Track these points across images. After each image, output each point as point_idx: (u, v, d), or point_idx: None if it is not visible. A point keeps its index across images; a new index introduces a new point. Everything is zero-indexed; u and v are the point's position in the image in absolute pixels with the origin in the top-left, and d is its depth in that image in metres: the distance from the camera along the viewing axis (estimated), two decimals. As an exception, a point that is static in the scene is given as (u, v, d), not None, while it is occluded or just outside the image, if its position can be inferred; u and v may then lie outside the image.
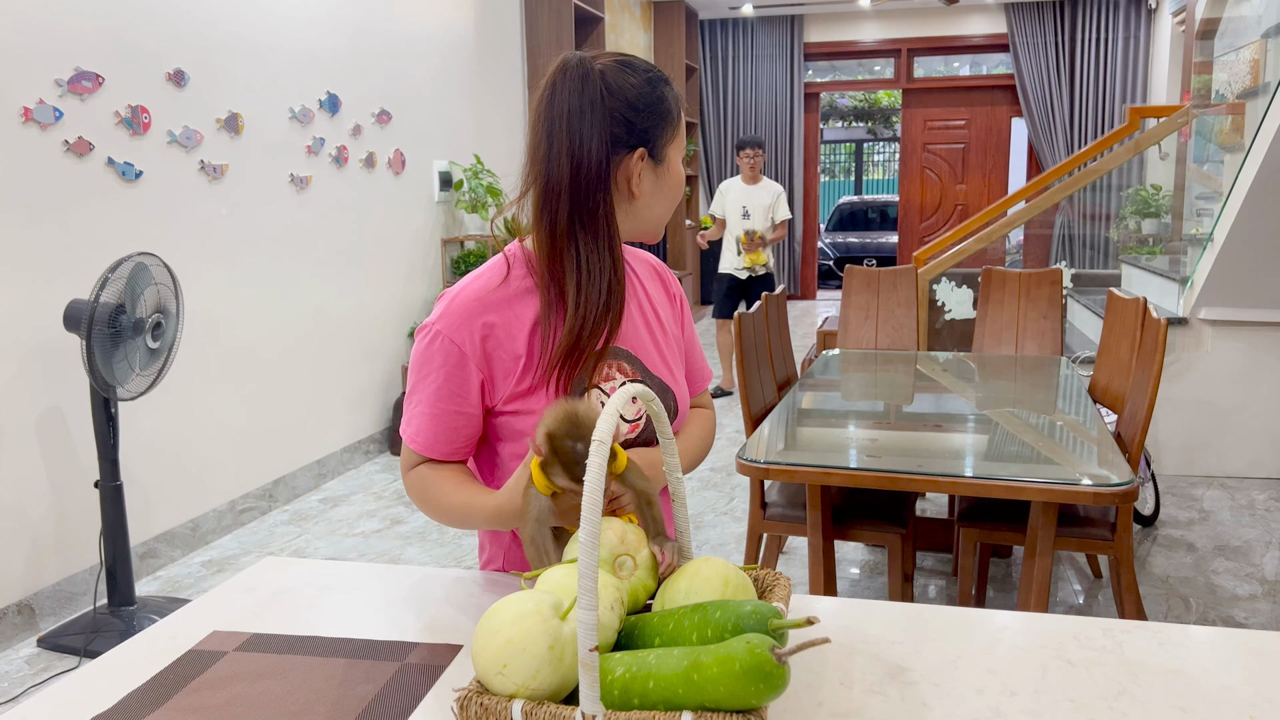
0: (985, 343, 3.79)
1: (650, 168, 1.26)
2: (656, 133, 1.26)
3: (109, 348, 2.77)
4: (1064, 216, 9.20)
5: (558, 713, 0.82)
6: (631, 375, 1.29)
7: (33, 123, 2.96)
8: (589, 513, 0.81)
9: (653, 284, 1.40)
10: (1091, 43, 9.15)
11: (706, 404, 1.50)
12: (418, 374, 1.26)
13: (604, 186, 1.22)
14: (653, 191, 1.28)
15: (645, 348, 1.32)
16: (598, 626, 0.81)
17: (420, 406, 1.26)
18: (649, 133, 1.25)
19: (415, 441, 1.27)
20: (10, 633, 2.92)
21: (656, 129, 1.26)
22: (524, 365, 1.25)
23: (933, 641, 1.08)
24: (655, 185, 1.28)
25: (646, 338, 1.33)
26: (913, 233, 10.39)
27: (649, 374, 1.31)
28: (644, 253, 1.44)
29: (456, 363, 1.23)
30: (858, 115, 19.41)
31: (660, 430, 1.05)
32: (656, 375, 1.32)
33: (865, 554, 3.58)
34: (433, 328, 1.25)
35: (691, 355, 1.45)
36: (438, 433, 1.26)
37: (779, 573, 1.06)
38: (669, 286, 1.44)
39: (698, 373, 1.47)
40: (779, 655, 0.78)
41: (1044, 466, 2.20)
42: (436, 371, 1.24)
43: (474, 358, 1.24)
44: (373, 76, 4.78)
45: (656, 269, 1.44)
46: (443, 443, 1.27)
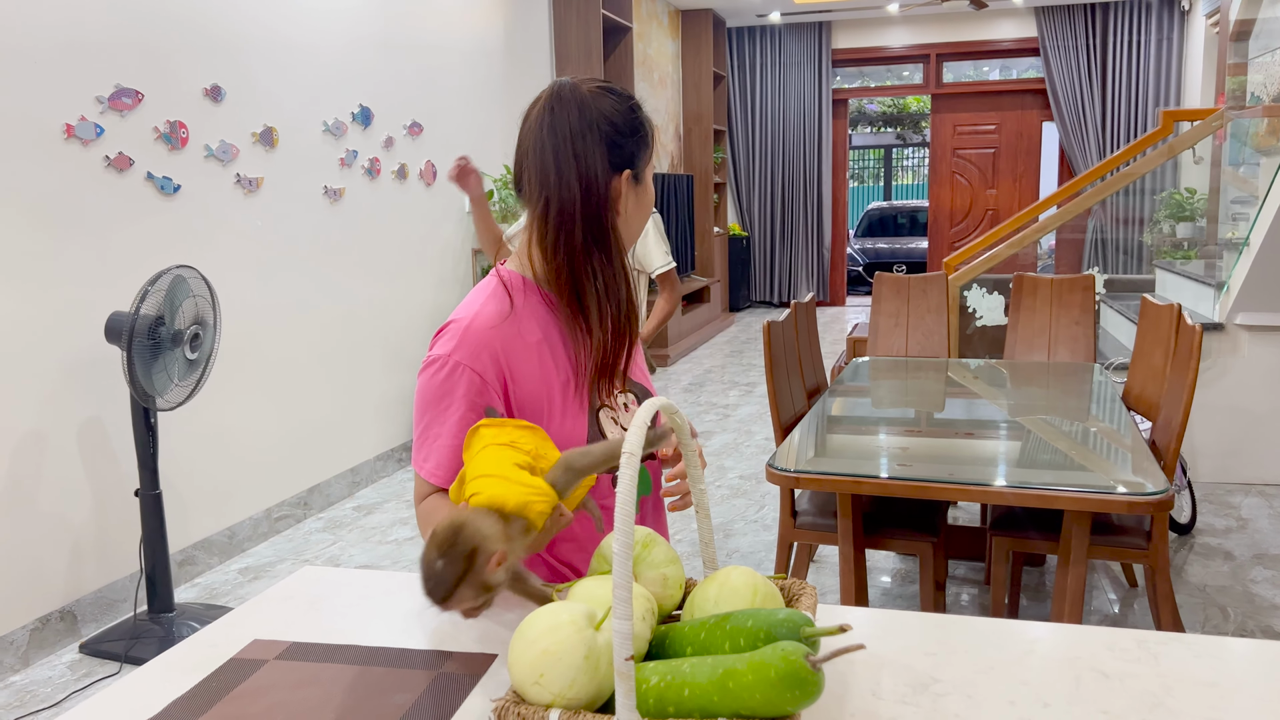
0: (1017, 349, 3.76)
1: (632, 187, 1.31)
2: (638, 154, 1.30)
3: (149, 359, 2.82)
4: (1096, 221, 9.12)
5: (593, 722, 0.83)
6: (621, 386, 1.36)
7: (74, 139, 3.03)
8: (622, 523, 0.83)
9: None
10: (1123, 45, 9.07)
11: None
12: (436, 406, 1.24)
13: (610, 206, 1.27)
14: (634, 210, 1.33)
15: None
16: (633, 636, 0.82)
17: (442, 440, 1.24)
18: (634, 155, 1.29)
19: (435, 475, 1.25)
20: (53, 639, 2.98)
21: (638, 150, 1.30)
22: (538, 390, 1.27)
23: (964, 652, 1.08)
24: (635, 204, 1.33)
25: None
26: (943, 238, 10.34)
27: (633, 382, 1.38)
28: None
29: (479, 392, 1.23)
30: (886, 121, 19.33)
31: (683, 443, 1.06)
32: (639, 381, 1.39)
33: (897, 562, 3.57)
34: (449, 359, 1.24)
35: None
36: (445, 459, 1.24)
37: (805, 582, 1.07)
38: None
39: None
40: (813, 662, 0.79)
41: (1077, 474, 2.19)
42: (458, 403, 1.23)
43: (494, 386, 1.24)
44: (404, 89, 4.84)
45: None
46: (448, 466, 1.24)
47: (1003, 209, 10.08)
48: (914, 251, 12.45)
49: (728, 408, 6.13)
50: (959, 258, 5.11)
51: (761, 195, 10.47)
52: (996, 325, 4.84)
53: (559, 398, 1.28)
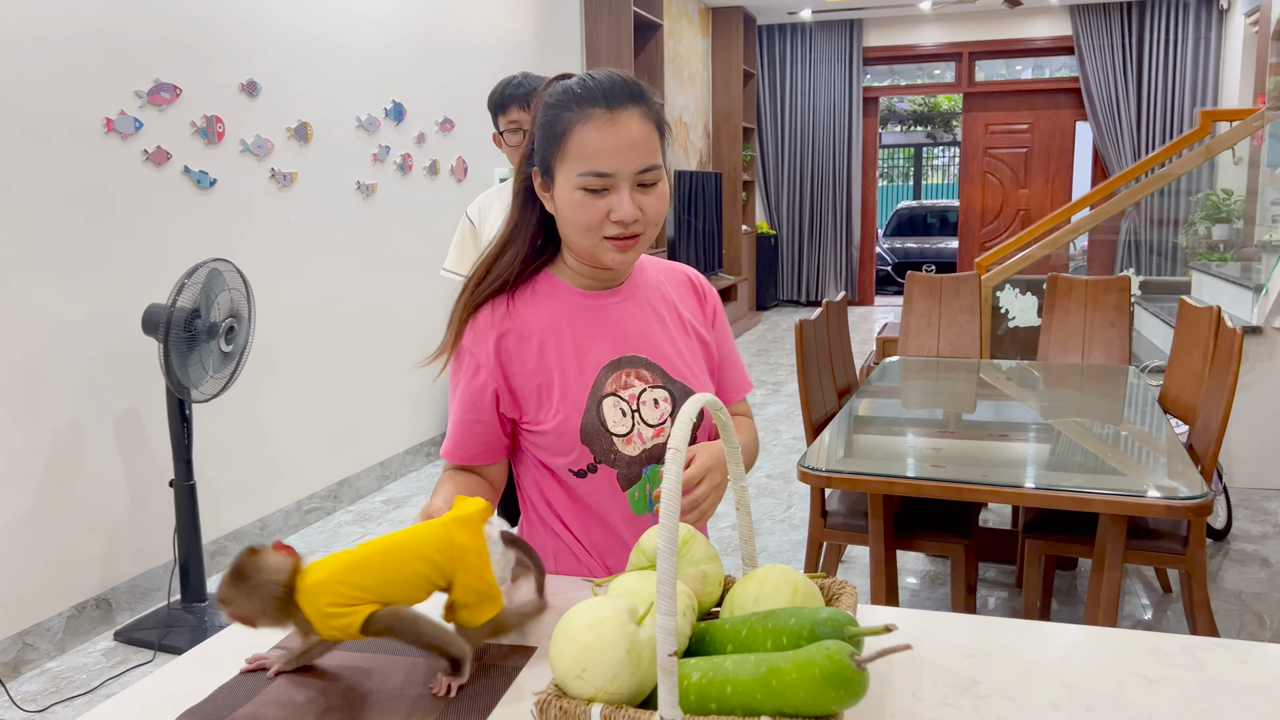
0: (1050, 351, 3.73)
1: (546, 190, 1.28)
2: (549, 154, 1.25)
3: (184, 351, 2.85)
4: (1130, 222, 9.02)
5: (636, 717, 0.83)
6: (652, 381, 1.34)
7: (114, 133, 3.06)
8: (667, 518, 0.83)
9: (684, 293, 1.45)
10: (1160, 44, 8.96)
11: (745, 412, 1.53)
12: (451, 390, 1.37)
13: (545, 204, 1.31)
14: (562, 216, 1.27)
15: (665, 354, 1.36)
16: (676, 631, 0.82)
17: (451, 419, 1.36)
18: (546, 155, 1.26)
19: (445, 452, 1.37)
20: (89, 626, 3.02)
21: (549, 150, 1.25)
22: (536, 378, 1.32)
23: (1004, 654, 1.08)
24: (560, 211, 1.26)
25: (667, 344, 1.37)
26: (973, 238, 10.26)
27: (669, 379, 1.35)
28: (680, 265, 1.49)
29: (474, 374, 1.31)
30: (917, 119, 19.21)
31: (725, 439, 1.05)
32: (679, 380, 1.35)
33: (926, 564, 3.55)
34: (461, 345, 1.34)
35: (726, 365, 1.47)
36: (457, 438, 1.35)
37: (844, 581, 1.07)
38: (704, 297, 1.47)
39: (731, 382, 1.49)
40: (858, 661, 0.79)
41: (1113, 477, 2.16)
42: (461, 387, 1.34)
43: (492, 372, 1.31)
44: (436, 85, 4.86)
45: (691, 280, 1.47)
46: (460, 448, 1.35)
47: (1034, 209, 9.99)
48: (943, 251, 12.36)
49: (755, 406, 6.11)
50: (991, 258, 5.07)
51: (790, 193, 10.43)
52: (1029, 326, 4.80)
53: (558, 387, 1.30)
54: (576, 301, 1.33)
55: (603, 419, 1.30)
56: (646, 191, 1.23)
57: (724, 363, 1.47)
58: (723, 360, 1.47)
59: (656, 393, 1.34)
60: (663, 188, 1.25)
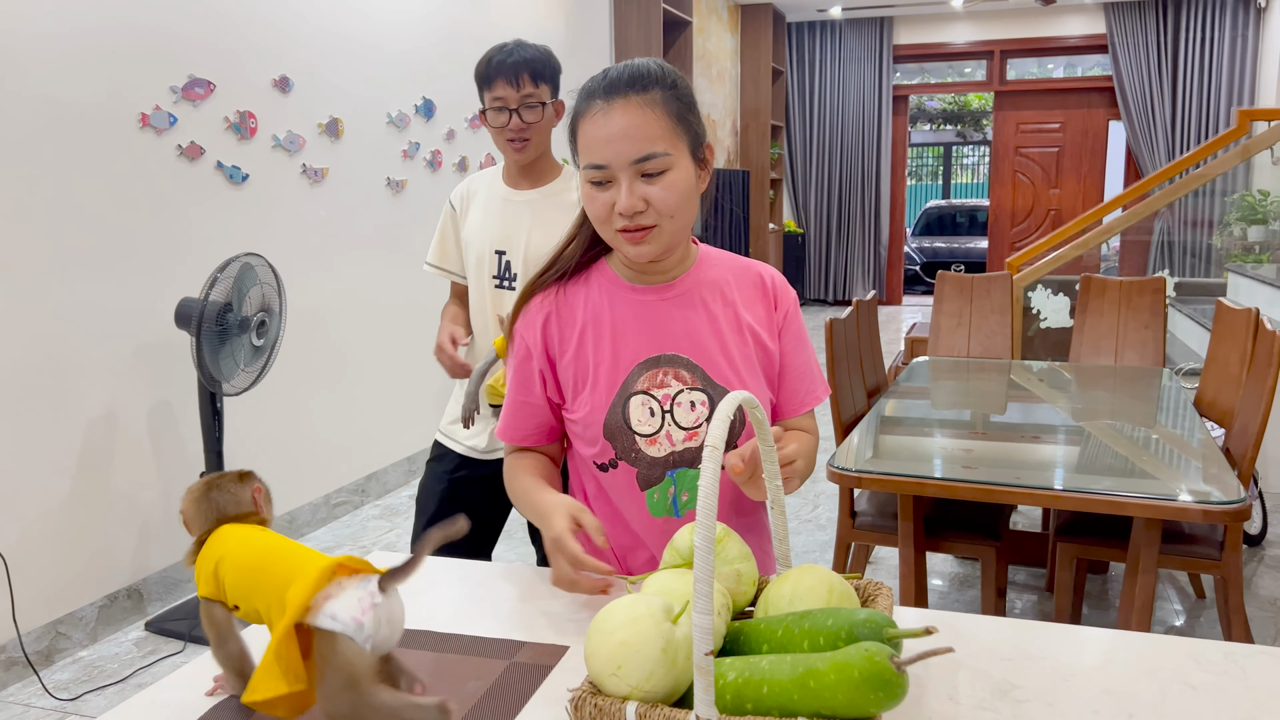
0: (1083, 352, 3.69)
1: None
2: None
3: (216, 345, 2.87)
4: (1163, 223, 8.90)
5: (672, 715, 0.82)
6: (691, 382, 1.30)
7: (149, 128, 3.09)
8: (704, 516, 0.82)
9: (751, 294, 1.37)
10: (1196, 43, 8.83)
11: (805, 427, 1.41)
12: (508, 370, 1.40)
13: None
14: None
15: (710, 355, 1.31)
16: (713, 631, 0.82)
17: (506, 399, 1.40)
18: None
19: (499, 431, 1.41)
20: (120, 616, 3.05)
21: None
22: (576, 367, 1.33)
23: (1042, 659, 1.06)
24: None
25: (714, 346, 1.31)
26: (1003, 238, 10.17)
27: (710, 382, 1.30)
28: (757, 265, 1.40)
29: (525, 359, 1.35)
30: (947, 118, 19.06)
31: (762, 439, 1.05)
32: (721, 384, 1.30)
33: (954, 566, 3.52)
34: (515, 328, 1.38)
35: (789, 374, 1.39)
36: (508, 419, 1.39)
37: (879, 582, 1.05)
38: (775, 301, 1.38)
39: (794, 393, 1.39)
40: (898, 664, 0.78)
41: (1146, 481, 2.14)
42: (515, 368, 1.38)
43: (539, 356, 1.34)
44: (466, 81, 4.86)
45: (764, 281, 1.39)
46: (511, 429, 1.39)
47: (1066, 209, 9.89)
48: (972, 251, 12.26)
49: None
50: (1022, 258, 5.02)
51: (818, 192, 10.38)
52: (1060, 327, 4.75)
53: (591, 377, 1.31)
54: (622, 295, 1.32)
55: (627, 416, 1.30)
56: (651, 181, 1.19)
57: (787, 371, 1.38)
58: (785, 369, 1.38)
59: (694, 395, 1.30)
60: (673, 176, 1.20)
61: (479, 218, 2.09)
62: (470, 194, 2.15)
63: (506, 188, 2.08)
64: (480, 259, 2.06)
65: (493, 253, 2.04)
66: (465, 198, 2.15)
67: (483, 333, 2.12)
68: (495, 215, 2.06)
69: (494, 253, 2.04)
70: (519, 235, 2.02)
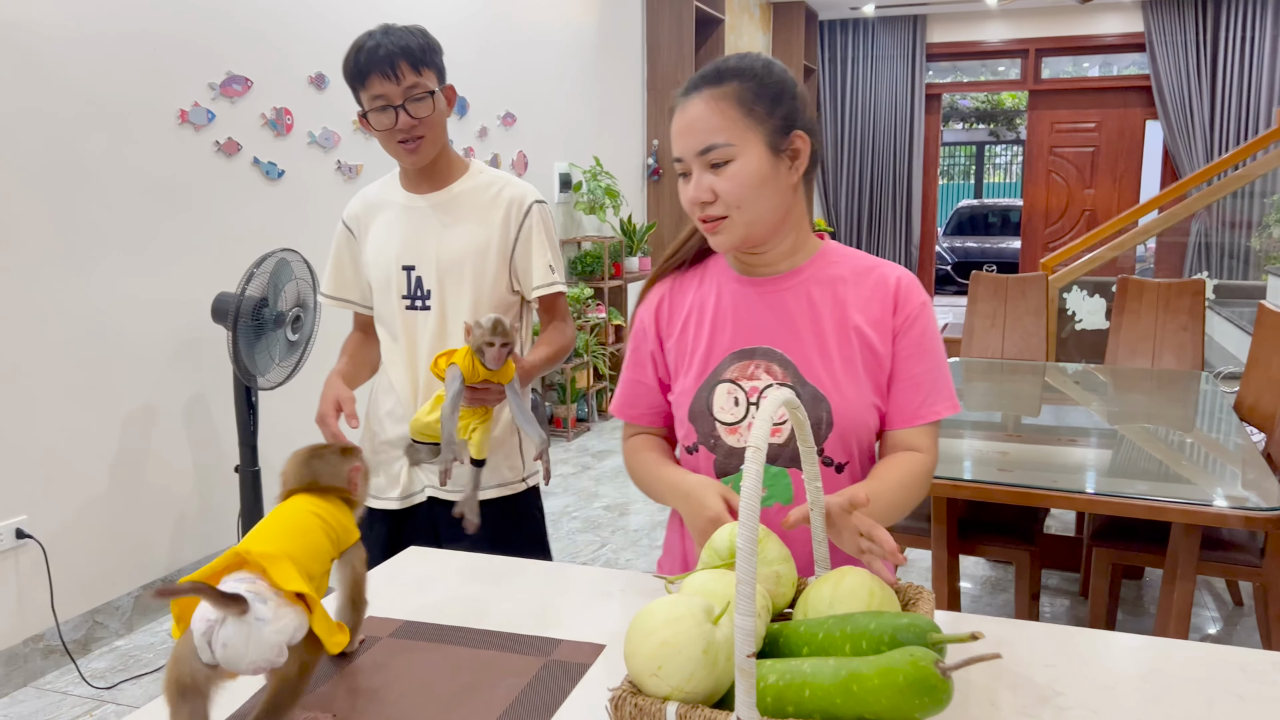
0: (1119, 354, 3.64)
1: None
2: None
3: (252, 339, 2.90)
4: (1200, 224, 8.77)
5: (712, 717, 0.82)
6: (781, 378, 1.28)
7: (188, 124, 3.13)
8: (746, 519, 0.82)
9: (869, 295, 1.30)
10: (1236, 42, 8.69)
11: (916, 446, 1.29)
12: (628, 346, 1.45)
13: None
14: None
15: (805, 353, 1.28)
16: (754, 633, 0.81)
17: (621, 376, 1.45)
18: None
19: (614, 407, 1.45)
20: (156, 606, 3.09)
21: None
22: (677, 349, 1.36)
23: (1085, 665, 1.05)
24: None
25: (812, 344, 1.28)
26: (1036, 238, 10.06)
27: (801, 380, 1.27)
28: (890, 267, 1.32)
29: (642, 336, 1.40)
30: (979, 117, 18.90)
31: (801, 439, 1.04)
32: (811, 383, 1.27)
33: (986, 570, 3.49)
34: (638, 306, 1.42)
35: (901, 384, 1.29)
36: (622, 396, 1.44)
37: (920, 586, 1.04)
38: (898, 305, 1.29)
39: (905, 405, 1.29)
40: (944, 669, 0.77)
41: (1185, 486, 2.11)
42: (631, 344, 1.43)
43: (652, 334, 1.38)
44: (498, 80, 4.88)
45: (890, 284, 1.30)
46: (626, 406, 1.43)
47: (1100, 210, 9.77)
48: (1005, 251, 12.15)
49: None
50: (1056, 259, 4.97)
51: (849, 191, 10.32)
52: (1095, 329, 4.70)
53: (688, 362, 1.34)
54: (729, 285, 1.33)
55: (710, 402, 1.31)
56: (718, 172, 1.21)
57: (900, 379, 1.29)
58: (898, 376, 1.29)
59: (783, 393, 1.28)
60: (736, 167, 1.20)
61: (381, 234, 1.83)
62: (366, 210, 1.87)
63: (406, 194, 1.82)
64: (387, 279, 1.81)
65: (400, 269, 1.80)
66: (361, 216, 1.87)
67: (397, 364, 1.90)
68: (397, 227, 1.81)
69: (401, 269, 1.80)
70: (427, 245, 1.79)
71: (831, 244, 1.35)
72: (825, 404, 1.27)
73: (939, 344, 1.31)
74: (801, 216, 1.31)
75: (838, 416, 1.27)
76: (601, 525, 4.02)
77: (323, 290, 1.97)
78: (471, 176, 1.83)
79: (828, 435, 1.27)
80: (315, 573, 0.95)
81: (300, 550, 0.94)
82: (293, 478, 1.07)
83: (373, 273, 1.84)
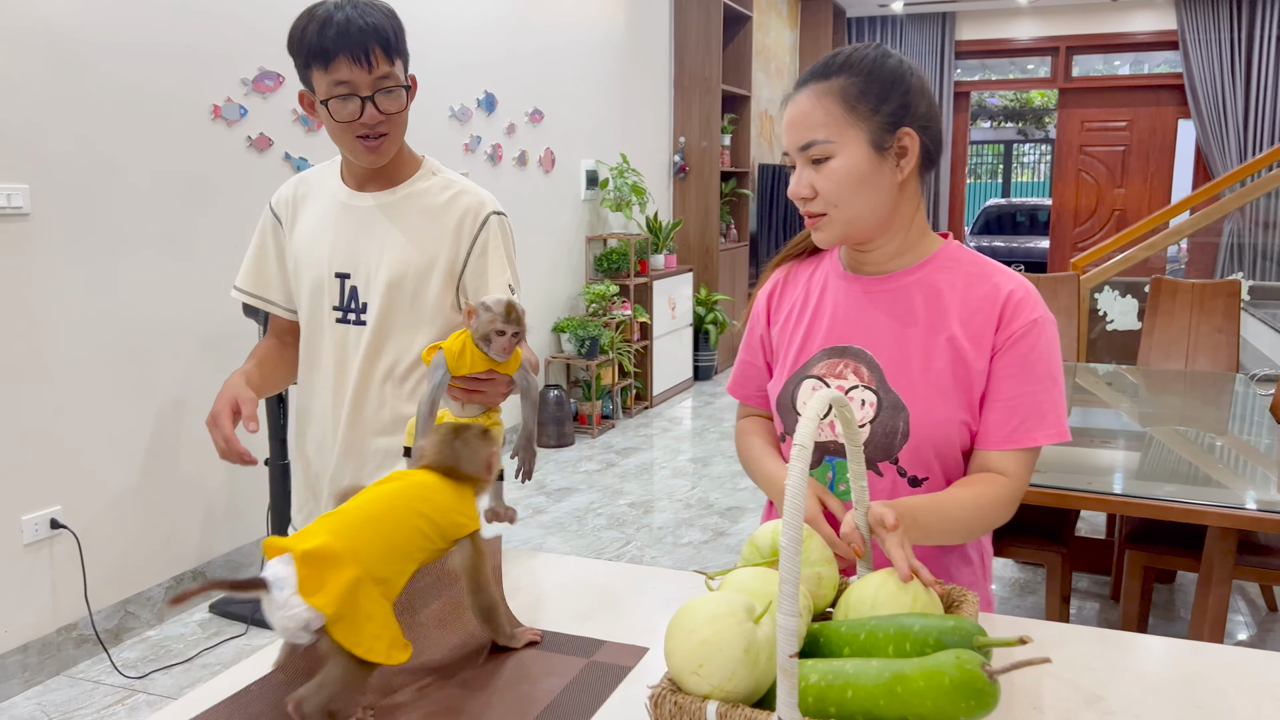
0: (1152, 356, 3.60)
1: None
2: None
3: (283, 333, 2.92)
4: (1233, 224, 8.66)
5: (753, 717, 0.82)
6: (867, 381, 1.25)
7: (220, 119, 3.15)
8: (790, 516, 0.81)
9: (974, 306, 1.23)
10: (1271, 39, 8.58)
11: (1003, 469, 1.22)
12: None
13: None
14: None
15: (893, 358, 1.24)
16: (797, 633, 0.81)
17: (737, 358, 1.47)
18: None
19: (730, 388, 1.48)
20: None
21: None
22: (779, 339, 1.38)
23: (1127, 670, 1.04)
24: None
25: (902, 349, 1.24)
26: (1065, 238, 9.97)
27: (885, 385, 1.24)
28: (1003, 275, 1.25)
29: (755, 320, 1.43)
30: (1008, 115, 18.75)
31: (848, 437, 1.03)
32: (894, 390, 1.23)
33: (1015, 571, 3.46)
34: None
35: (999, 400, 1.21)
36: (735, 375, 1.46)
37: (965, 589, 1.03)
38: (1005, 320, 1.22)
39: (999, 425, 1.21)
40: (990, 673, 0.77)
41: (1220, 490, 2.08)
42: (747, 327, 1.45)
43: (762, 320, 1.41)
44: (527, 76, 4.89)
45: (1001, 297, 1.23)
46: (738, 386, 1.46)
47: (1131, 210, 9.67)
48: (1033, 251, 12.04)
49: (836, 404, 6.03)
50: (1087, 258, 4.92)
51: (875, 189, 10.26)
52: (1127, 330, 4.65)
53: (783, 352, 1.36)
54: (835, 281, 1.33)
55: (794, 396, 1.30)
56: (818, 169, 1.20)
57: (994, 400, 1.21)
58: (995, 394, 1.21)
59: (865, 394, 1.25)
60: (834, 164, 1.18)
61: (311, 229, 1.59)
62: (300, 198, 1.62)
63: (348, 190, 1.58)
64: (316, 285, 1.57)
65: (332, 276, 1.56)
66: (293, 203, 1.62)
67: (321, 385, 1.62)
68: (333, 228, 1.56)
69: (334, 276, 1.56)
70: (368, 252, 1.55)
71: (953, 246, 1.28)
72: (904, 413, 1.22)
73: (1050, 366, 1.22)
74: (911, 216, 1.26)
75: (915, 428, 1.22)
76: (626, 522, 4.02)
77: (238, 284, 1.68)
78: (423, 177, 1.59)
79: (903, 445, 1.23)
80: (384, 574, 0.93)
81: (373, 548, 0.93)
82: (432, 455, 1.05)
83: (301, 274, 1.59)
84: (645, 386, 5.99)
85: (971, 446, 1.25)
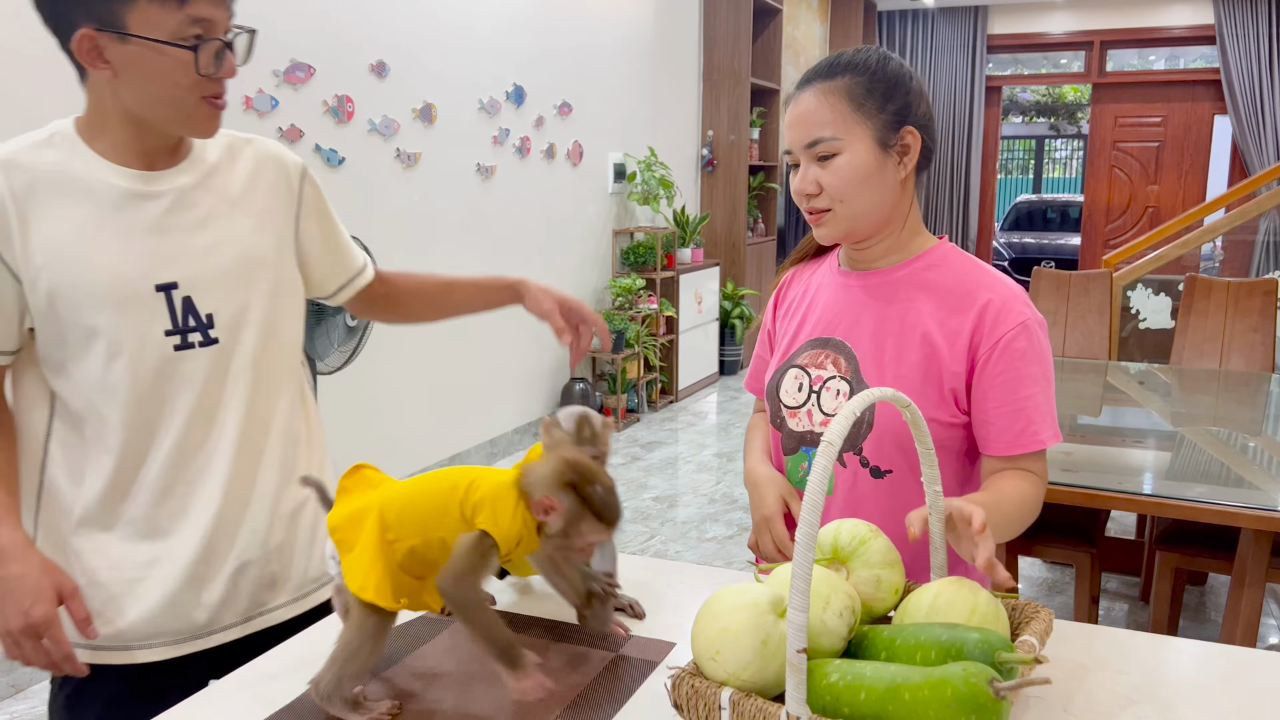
0: (1185, 355, 3.55)
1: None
2: None
3: (313, 324, 2.93)
4: (1270, 222, 8.53)
5: (764, 708, 0.82)
6: (844, 372, 1.28)
7: (252, 111, 3.17)
8: (808, 513, 0.80)
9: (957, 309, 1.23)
10: (1312, 34, 8.43)
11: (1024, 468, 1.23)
12: None
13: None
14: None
15: (869, 350, 1.26)
16: (807, 628, 0.80)
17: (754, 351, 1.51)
18: None
19: (747, 382, 1.53)
20: (214, 584, 3.15)
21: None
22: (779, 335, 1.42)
23: (1162, 673, 1.02)
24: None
25: (877, 342, 1.26)
26: (1097, 235, 9.86)
27: (859, 377, 1.27)
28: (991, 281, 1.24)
29: (769, 316, 1.47)
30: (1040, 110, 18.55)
31: (919, 439, 1.00)
32: (866, 382, 1.25)
33: (1043, 571, 3.43)
34: None
35: (993, 407, 1.21)
36: (750, 371, 1.51)
37: (1038, 605, 1.00)
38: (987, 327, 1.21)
39: (1002, 431, 1.21)
40: (997, 688, 0.75)
41: (1254, 492, 2.05)
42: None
43: (770, 314, 1.46)
44: (555, 69, 4.89)
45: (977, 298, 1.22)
46: (753, 380, 1.50)
47: (1165, 207, 9.54)
48: (1063, 248, 11.91)
49: (863, 400, 6.00)
50: (1119, 256, 4.85)
51: (904, 184, 10.19)
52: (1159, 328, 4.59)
53: (780, 345, 1.40)
54: (829, 276, 1.36)
55: (778, 384, 1.35)
56: (824, 165, 1.21)
57: (988, 405, 1.21)
58: (987, 402, 1.21)
59: (841, 384, 1.28)
60: (841, 161, 1.19)
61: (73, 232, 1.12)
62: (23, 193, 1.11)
63: (128, 172, 1.15)
64: (123, 306, 1.13)
65: (152, 291, 1.15)
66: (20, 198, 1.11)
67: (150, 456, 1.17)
68: (125, 227, 1.14)
69: (155, 290, 1.15)
70: (191, 250, 1.18)
71: (946, 247, 1.29)
72: (871, 407, 1.26)
73: (1045, 366, 1.22)
74: (908, 213, 1.27)
75: (879, 419, 1.25)
76: (651, 516, 4.02)
77: None
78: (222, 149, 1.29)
79: (866, 436, 1.26)
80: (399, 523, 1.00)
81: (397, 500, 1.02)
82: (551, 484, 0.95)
83: (79, 298, 1.11)
84: (670, 381, 5.98)
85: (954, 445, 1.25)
